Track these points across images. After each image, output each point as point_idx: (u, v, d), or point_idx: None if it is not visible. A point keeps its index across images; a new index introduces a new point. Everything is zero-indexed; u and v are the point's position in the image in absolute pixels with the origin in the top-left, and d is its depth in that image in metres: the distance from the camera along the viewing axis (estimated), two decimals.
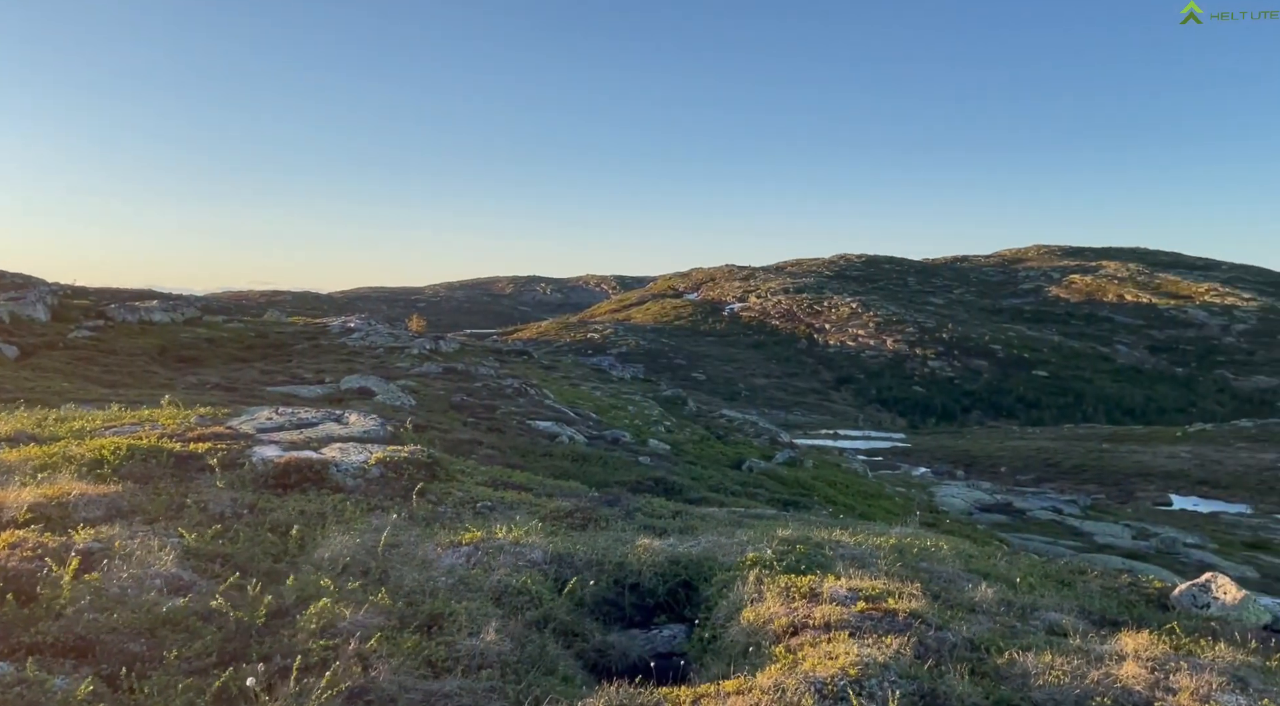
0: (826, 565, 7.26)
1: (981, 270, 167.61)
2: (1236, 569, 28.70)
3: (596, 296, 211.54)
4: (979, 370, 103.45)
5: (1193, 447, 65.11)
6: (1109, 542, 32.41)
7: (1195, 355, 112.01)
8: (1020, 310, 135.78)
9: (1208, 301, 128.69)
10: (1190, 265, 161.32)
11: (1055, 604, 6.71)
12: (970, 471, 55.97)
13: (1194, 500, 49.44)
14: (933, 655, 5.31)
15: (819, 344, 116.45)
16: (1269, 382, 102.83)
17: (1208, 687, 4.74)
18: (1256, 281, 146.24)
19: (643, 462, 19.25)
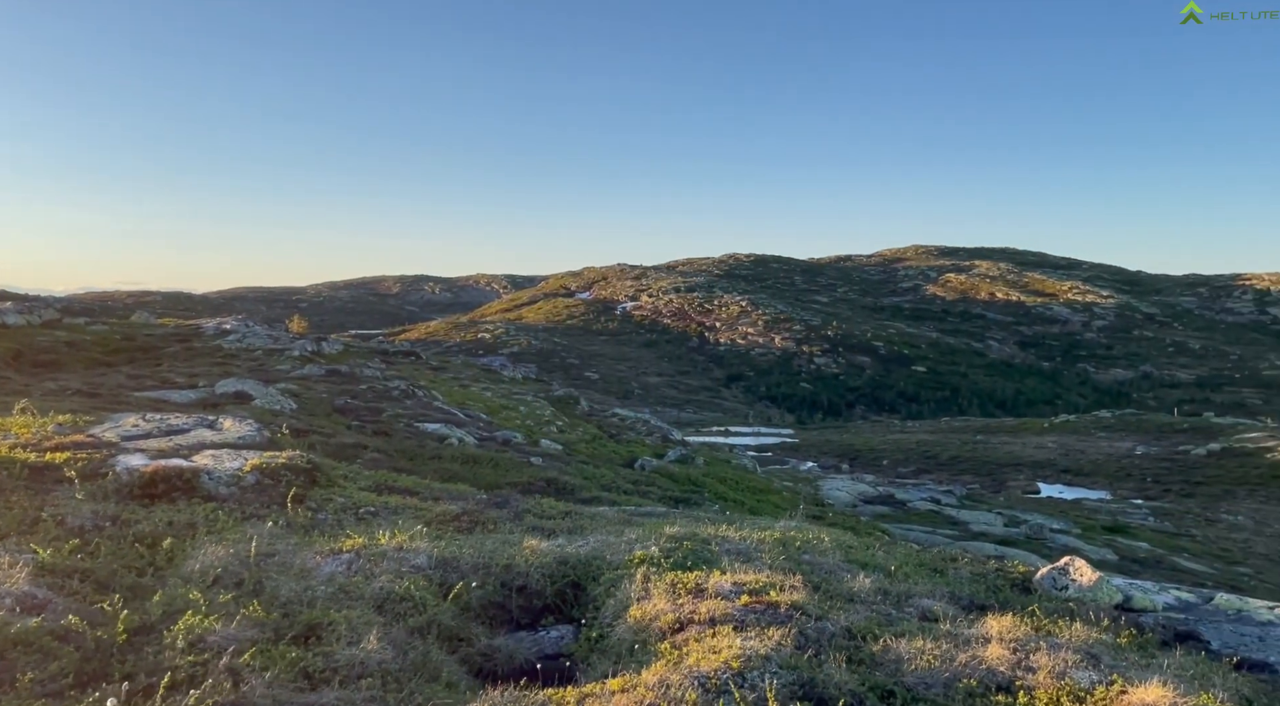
0: (713, 560, 7.37)
1: (864, 269, 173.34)
2: (1097, 552, 30.49)
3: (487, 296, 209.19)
4: (862, 366, 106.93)
5: (1058, 438, 68.99)
6: (983, 530, 33.88)
7: (1060, 350, 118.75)
8: (900, 308, 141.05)
9: (1071, 299, 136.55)
10: (1055, 265, 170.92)
11: (928, 591, 6.99)
12: (855, 465, 57.81)
13: (1059, 487, 52.37)
14: (813, 645, 5.46)
15: (710, 342, 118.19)
16: (1125, 375, 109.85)
17: (1064, 665, 5.02)
18: (1114, 280, 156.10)
19: (534, 463, 19.13)
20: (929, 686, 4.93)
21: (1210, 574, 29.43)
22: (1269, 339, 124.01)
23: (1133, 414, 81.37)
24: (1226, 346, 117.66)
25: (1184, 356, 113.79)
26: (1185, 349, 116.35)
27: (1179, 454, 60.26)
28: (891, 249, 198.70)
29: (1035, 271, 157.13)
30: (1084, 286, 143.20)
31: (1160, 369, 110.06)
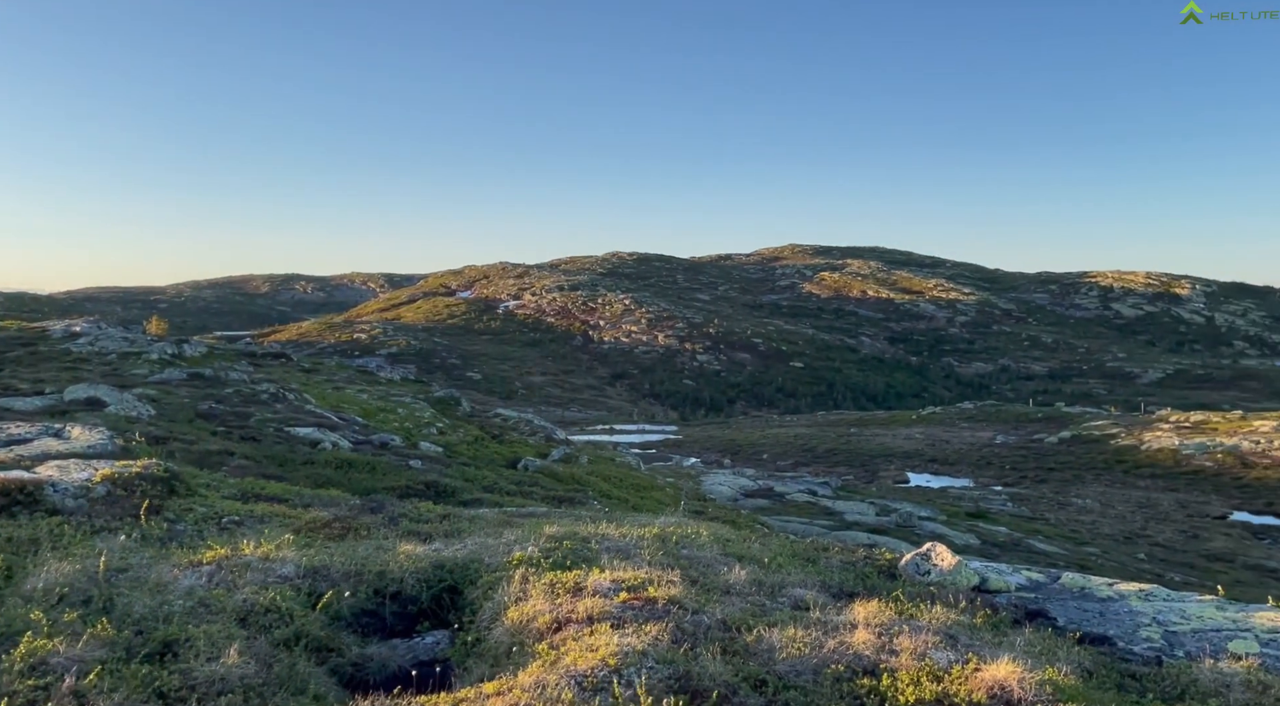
0: (592, 559, 7.38)
1: (743, 268, 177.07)
2: (961, 537, 32.05)
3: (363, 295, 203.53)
4: (743, 363, 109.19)
5: (925, 429, 72.19)
6: (856, 519, 35.08)
7: (926, 345, 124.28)
8: (779, 305, 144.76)
9: (936, 296, 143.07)
10: (920, 263, 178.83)
11: (801, 580, 7.18)
12: (736, 459, 58.99)
13: (927, 477, 54.82)
14: (689, 638, 5.53)
15: (594, 340, 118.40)
16: (986, 368, 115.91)
17: (924, 646, 5.25)
18: (974, 278, 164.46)
19: (413, 466, 18.73)
20: (799, 673, 5.07)
21: (1062, 554, 31.39)
22: (1112, 333, 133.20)
23: (992, 405, 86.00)
24: (1075, 340, 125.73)
25: (1038, 350, 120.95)
26: (1039, 343, 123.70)
27: (1034, 442, 64.03)
28: (770, 248, 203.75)
29: (903, 270, 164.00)
30: (948, 284, 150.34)
31: (1017, 362, 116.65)
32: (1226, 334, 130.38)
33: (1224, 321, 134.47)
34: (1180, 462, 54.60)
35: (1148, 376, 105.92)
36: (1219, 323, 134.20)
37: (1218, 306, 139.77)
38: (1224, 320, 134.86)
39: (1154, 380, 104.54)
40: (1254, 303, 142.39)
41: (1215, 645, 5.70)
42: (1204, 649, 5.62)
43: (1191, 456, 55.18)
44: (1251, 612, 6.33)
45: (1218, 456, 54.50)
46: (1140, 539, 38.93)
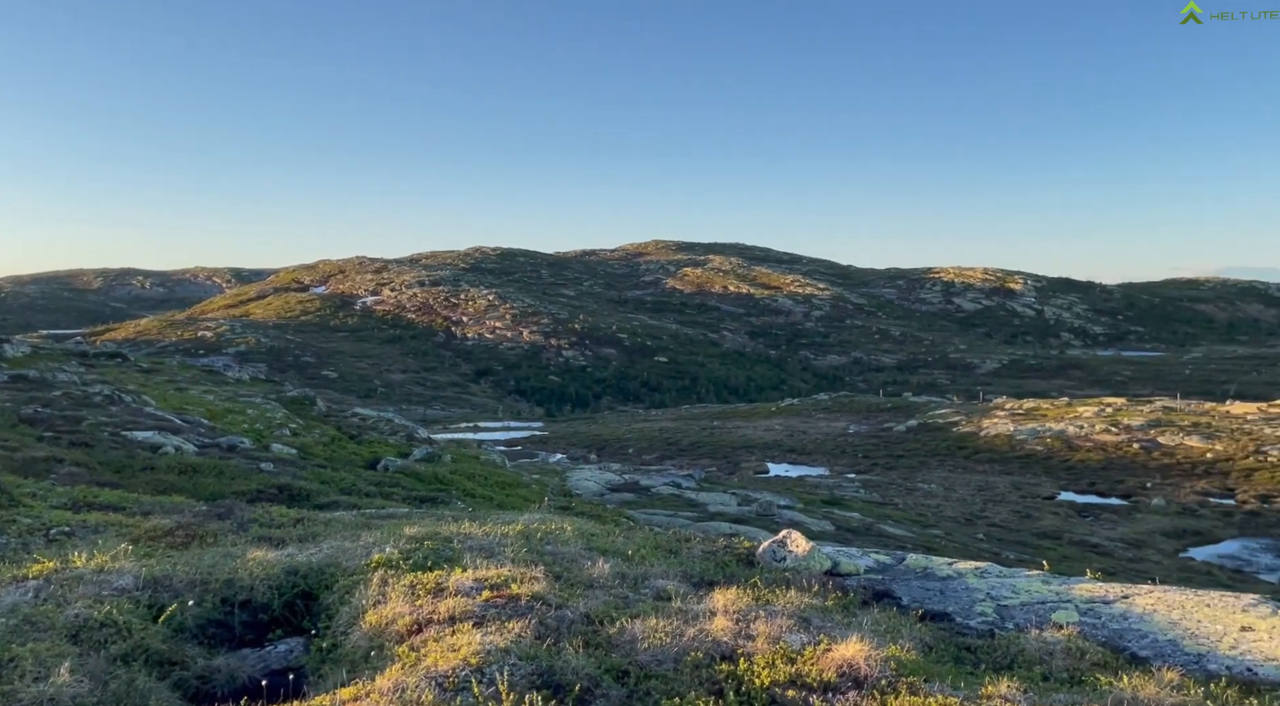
0: (455, 559, 7.29)
1: (608, 264, 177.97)
2: (818, 523, 33.29)
3: (209, 290, 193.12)
4: (608, 358, 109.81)
5: (784, 420, 74.61)
6: (719, 510, 35.85)
7: (785, 339, 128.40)
8: (643, 301, 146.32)
9: (793, 291, 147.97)
10: (778, 259, 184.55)
11: (663, 571, 7.32)
12: (602, 454, 59.32)
13: (786, 466, 56.70)
14: (552, 633, 5.55)
15: (457, 337, 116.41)
16: (839, 361, 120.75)
17: (779, 630, 5.45)
18: (829, 274, 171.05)
19: (265, 469, 17.95)
20: (660, 662, 5.17)
21: (910, 537, 33.09)
22: (954, 325, 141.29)
23: (846, 396, 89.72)
24: (921, 333, 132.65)
25: (887, 342, 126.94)
26: (888, 336, 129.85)
27: (884, 431, 67.22)
28: (634, 244, 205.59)
29: (762, 265, 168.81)
30: (804, 280, 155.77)
31: (868, 354, 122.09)
32: (1054, 326, 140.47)
33: (1052, 314, 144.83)
34: (1014, 447, 58.50)
35: (985, 366, 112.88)
36: (1048, 315, 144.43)
37: (1047, 300, 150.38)
38: (1052, 313, 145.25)
39: (991, 370, 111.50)
40: (1078, 297, 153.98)
41: (1041, 616, 6.16)
42: (1031, 620, 6.06)
43: (1024, 441, 59.23)
44: (1072, 584, 6.87)
45: (1047, 441, 58.71)
46: (979, 520, 41.50)
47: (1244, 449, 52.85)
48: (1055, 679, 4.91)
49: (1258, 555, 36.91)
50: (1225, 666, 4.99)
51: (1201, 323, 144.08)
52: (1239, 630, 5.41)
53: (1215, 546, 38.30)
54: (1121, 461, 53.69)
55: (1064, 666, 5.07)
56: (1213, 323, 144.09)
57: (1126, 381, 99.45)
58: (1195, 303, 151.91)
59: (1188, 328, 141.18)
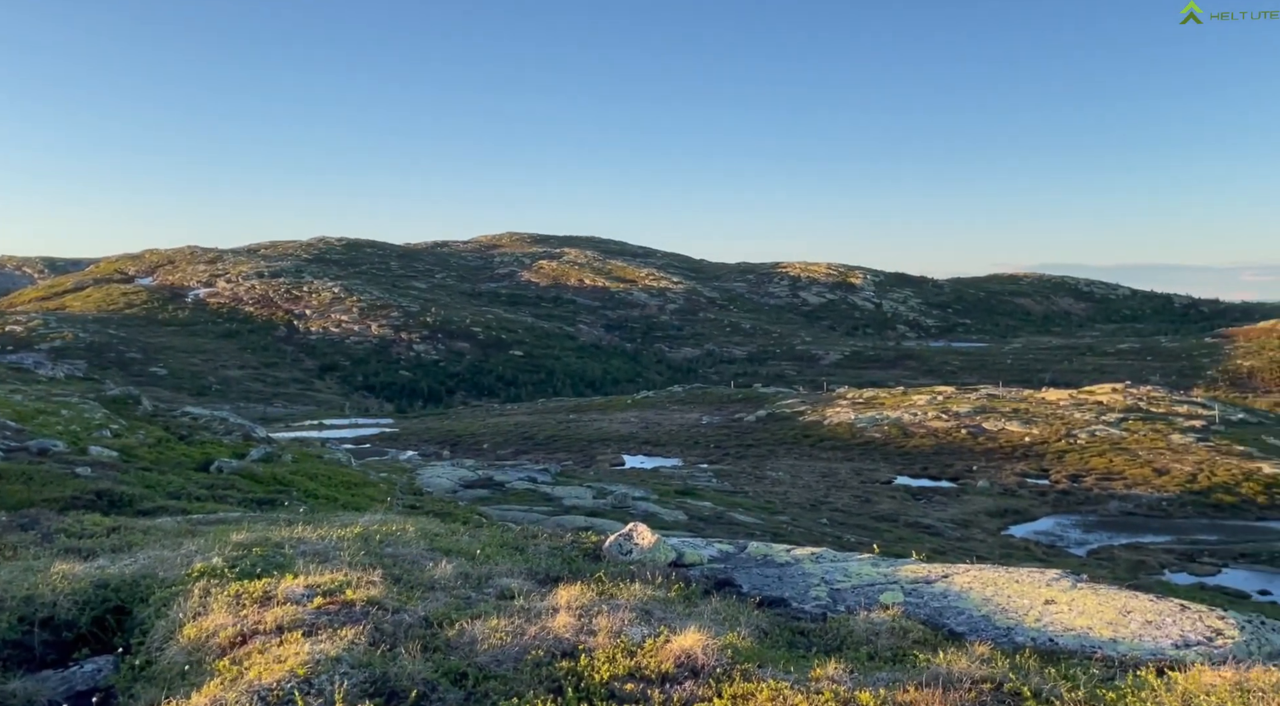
0: (286, 565, 6.96)
1: (461, 255, 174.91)
2: (671, 514, 33.85)
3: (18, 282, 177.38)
4: (462, 352, 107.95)
5: (639, 413, 75.45)
6: (575, 504, 35.89)
7: (640, 332, 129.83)
8: (498, 294, 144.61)
9: (648, 285, 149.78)
10: (634, 253, 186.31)
11: (508, 569, 7.22)
12: (456, 450, 58.26)
13: (641, 458, 57.36)
14: (388, 639, 5.37)
15: (300, 331, 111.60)
16: (694, 353, 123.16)
17: (621, 624, 5.47)
18: (682, 268, 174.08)
19: (81, 474, 16.65)
20: (500, 663, 5.09)
21: (759, 524, 34.13)
22: (800, 319, 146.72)
23: (699, 388, 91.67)
24: (770, 326, 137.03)
25: (738, 335, 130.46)
26: (739, 329, 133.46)
27: (735, 421, 69.08)
28: (488, 235, 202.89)
29: (618, 259, 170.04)
30: (658, 273, 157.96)
31: (720, 347, 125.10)
32: (892, 319, 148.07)
33: (890, 308, 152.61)
34: (855, 435, 61.34)
35: (829, 358, 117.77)
36: (886, 309, 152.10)
37: (884, 294, 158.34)
38: (890, 307, 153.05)
39: (834, 361, 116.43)
40: (912, 291, 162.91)
41: (870, 598, 6.44)
42: (861, 602, 6.33)
43: (864, 429, 62.19)
44: (899, 566, 7.23)
45: (885, 428, 61.85)
46: (824, 505, 43.27)
47: (1057, 432, 57.34)
48: (880, 657, 5.14)
49: (1069, 530, 40.15)
50: (1030, 638, 5.36)
51: (1021, 316, 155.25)
52: (1043, 603, 5.83)
53: (1033, 523, 41.40)
54: (951, 446, 57.21)
55: (888, 645, 5.31)
56: (1030, 315, 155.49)
57: (956, 371, 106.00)
58: (1015, 297, 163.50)
59: (1009, 320, 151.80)
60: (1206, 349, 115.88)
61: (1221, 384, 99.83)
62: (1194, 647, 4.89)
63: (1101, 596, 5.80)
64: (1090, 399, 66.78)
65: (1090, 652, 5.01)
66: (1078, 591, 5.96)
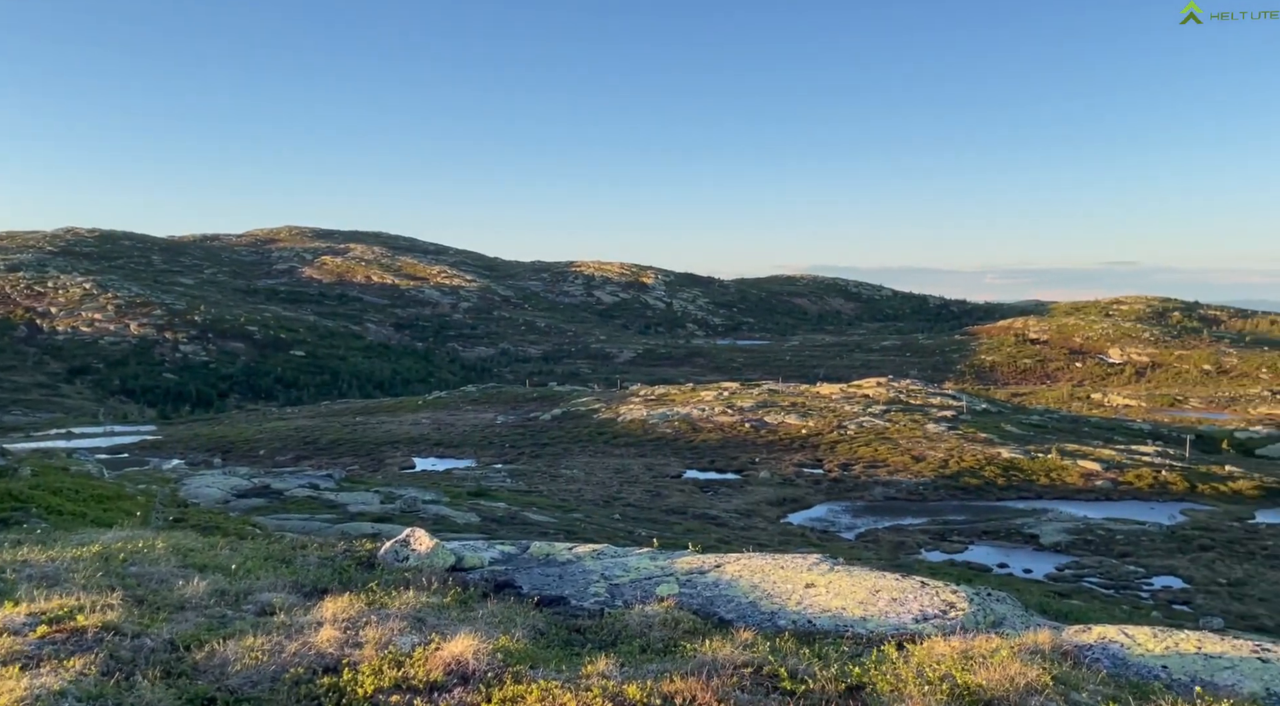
0: (7, 592, 6.19)
1: (234, 250, 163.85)
2: (464, 516, 33.26)
3: None
4: (236, 353, 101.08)
5: (431, 413, 73.64)
6: (361, 510, 34.51)
7: (432, 331, 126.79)
8: (276, 291, 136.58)
9: (440, 282, 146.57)
10: (425, 250, 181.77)
11: (271, 583, 6.78)
12: (229, 458, 54.45)
13: (433, 460, 55.96)
14: (124, 667, 4.89)
15: (44, 331, 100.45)
16: (488, 352, 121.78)
17: (390, 634, 5.26)
18: (476, 266, 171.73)
19: None
20: (255, 684, 4.76)
21: (553, 523, 34.20)
22: (595, 317, 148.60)
23: (494, 387, 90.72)
24: (565, 324, 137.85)
25: (533, 334, 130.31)
26: (534, 327, 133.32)
27: (530, 420, 68.90)
28: (264, 229, 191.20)
29: (408, 256, 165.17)
30: (451, 271, 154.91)
31: (515, 346, 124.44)
32: (682, 317, 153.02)
33: (679, 307, 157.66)
34: (648, 431, 62.83)
35: (623, 356, 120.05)
36: (676, 308, 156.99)
37: (675, 294, 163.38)
38: (680, 306, 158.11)
39: (628, 359, 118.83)
40: (700, 291, 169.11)
41: (646, 591, 6.56)
42: (638, 596, 6.44)
43: (656, 425, 63.84)
44: (676, 558, 7.42)
45: (675, 423, 63.78)
46: (617, 501, 44.00)
47: (830, 424, 61.35)
48: (652, 650, 5.23)
49: (840, 516, 43.02)
50: (792, 621, 5.65)
51: (798, 314, 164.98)
52: (804, 587, 6.16)
53: (809, 511, 44.03)
54: (736, 440, 59.82)
55: (661, 637, 5.42)
56: (807, 314, 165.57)
57: (741, 367, 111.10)
58: (793, 296, 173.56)
59: (788, 319, 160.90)
60: (956, 345, 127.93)
61: (969, 377, 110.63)
62: (931, 621, 5.33)
63: (855, 577, 6.20)
64: (859, 392, 71.97)
65: (843, 631, 5.34)
66: (834, 574, 6.35)
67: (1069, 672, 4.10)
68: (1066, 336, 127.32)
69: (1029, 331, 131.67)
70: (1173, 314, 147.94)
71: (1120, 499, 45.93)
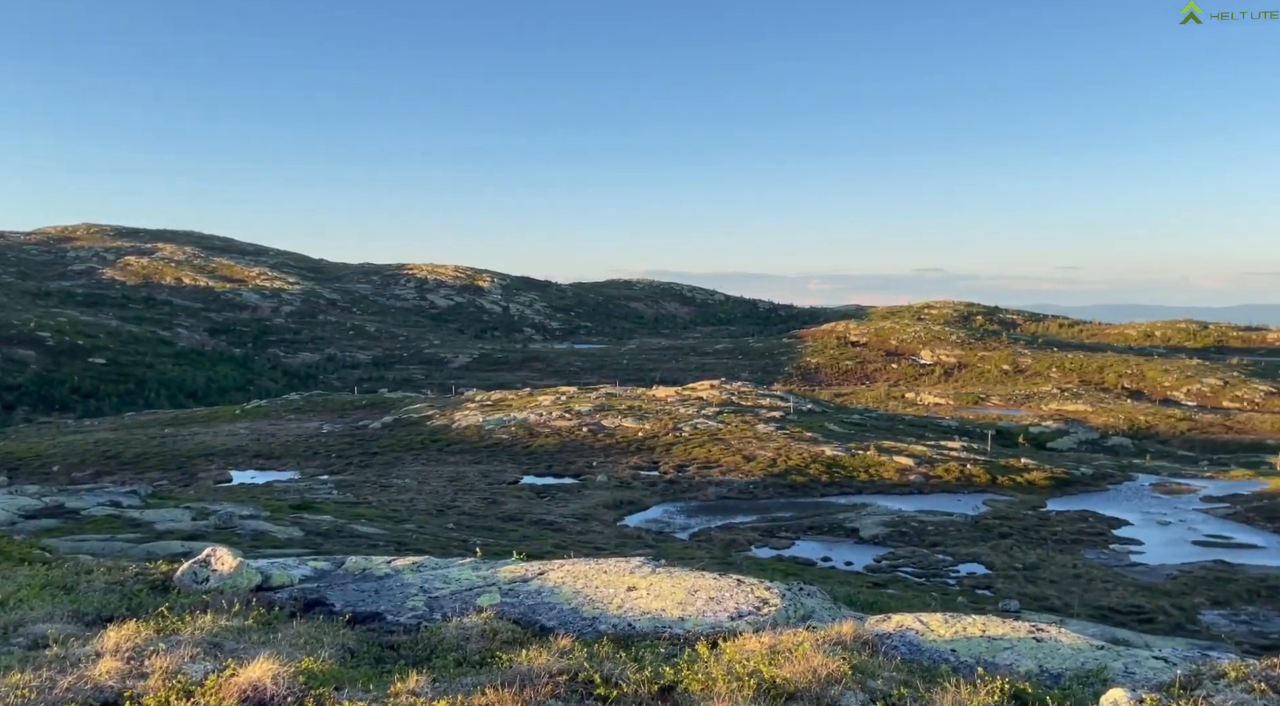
0: None
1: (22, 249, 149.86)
2: (285, 530, 31.62)
3: None
4: (25, 361, 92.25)
5: (250, 423, 69.70)
6: (170, 528, 32.26)
7: (251, 336, 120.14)
8: (72, 293, 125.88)
9: (260, 285, 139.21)
10: (242, 250, 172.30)
11: (48, 614, 6.17)
12: (16, 476, 49.55)
13: (252, 473, 52.96)
14: None
15: None
16: (313, 358, 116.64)
17: (180, 662, 4.88)
18: (299, 267, 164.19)
19: None
20: None
21: (382, 534, 33.04)
22: (428, 321, 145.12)
23: (320, 394, 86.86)
24: (397, 329, 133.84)
25: (362, 339, 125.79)
26: (363, 332, 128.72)
27: (359, 429, 66.41)
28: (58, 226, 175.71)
29: (223, 256, 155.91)
30: (272, 273, 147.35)
31: (343, 351, 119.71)
32: (519, 321, 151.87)
33: (516, 311, 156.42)
34: (484, 437, 61.87)
35: (458, 361, 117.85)
36: (512, 312, 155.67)
37: (511, 297, 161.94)
38: (516, 309, 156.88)
39: (463, 364, 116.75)
40: (537, 294, 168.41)
41: (467, 602, 6.40)
42: (457, 608, 6.26)
43: (492, 431, 62.96)
44: (499, 567, 7.29)
45: (512, 429, 63.15)
46: (451, 510, 43.05)
47: (666, 427, 62.45)
48: (468, 663, 5.09)
49: (675, 517, 43.83)
50: (612, 625, 5.65)
51: (635, 318, 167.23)
52: (626, 590, 6.18)
53: (645, 513, 44.60)
54: (574, 444, 59.86)
55: (478, 649, 5.29)
56: (643, 318, 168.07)
57: (578, 371, 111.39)
58: (630, 300, 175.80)
59: (625, 323, 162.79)
60: (784, 348, 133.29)
61: (796, 378, 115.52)
62: (745, 618, 5.46)
63: (675, 578, 6.28)
64: (693, 395, 73.68)
65: (661, 632, 5.38)
66: (656, 576, 6.41)
67: (867, 661, 4.30)
68: (884, 339, 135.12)
69: (850, 334, 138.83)
70: (976, 318, 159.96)
71: (931, 492, 49.09)
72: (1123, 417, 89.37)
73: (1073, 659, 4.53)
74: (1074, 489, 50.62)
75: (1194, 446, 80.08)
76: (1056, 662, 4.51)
